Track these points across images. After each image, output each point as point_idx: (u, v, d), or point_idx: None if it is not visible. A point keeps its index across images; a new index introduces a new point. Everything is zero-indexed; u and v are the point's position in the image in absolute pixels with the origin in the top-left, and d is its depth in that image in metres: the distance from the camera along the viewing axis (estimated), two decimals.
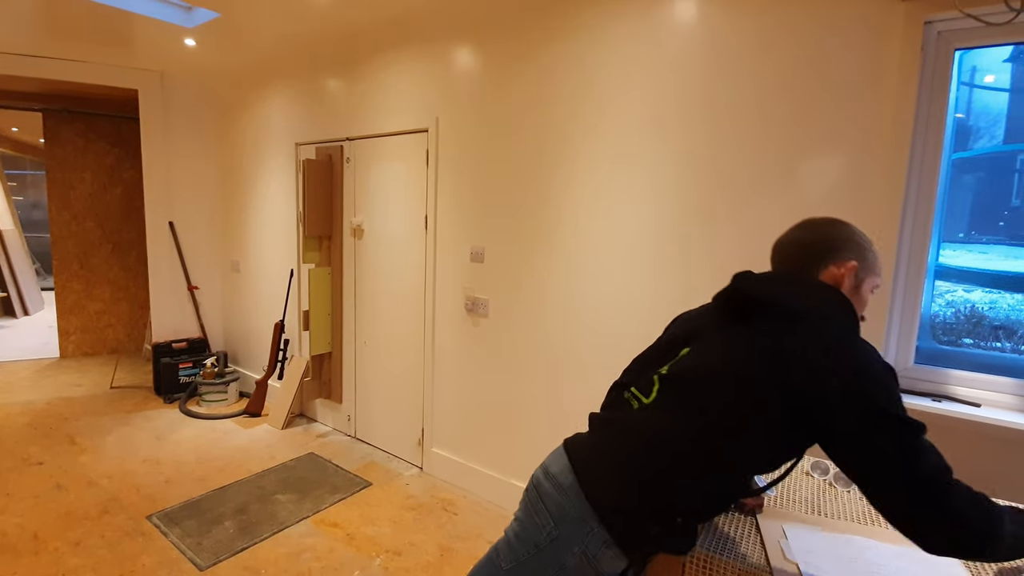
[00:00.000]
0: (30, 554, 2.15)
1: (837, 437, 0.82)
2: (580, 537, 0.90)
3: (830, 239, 1.00)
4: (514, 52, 2.35)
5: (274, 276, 3.78)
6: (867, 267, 1.00)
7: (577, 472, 0.94)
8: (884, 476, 0.80)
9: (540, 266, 2.36)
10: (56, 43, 3.44)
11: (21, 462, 2.91)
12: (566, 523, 0.92)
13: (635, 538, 0.89)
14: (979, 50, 1.58)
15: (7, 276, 6.40)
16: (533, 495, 0.98)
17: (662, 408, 0.94)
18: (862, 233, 1.02)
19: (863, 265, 0.99)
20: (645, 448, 0.92)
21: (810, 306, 0.91)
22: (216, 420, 3.57)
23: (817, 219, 1.05)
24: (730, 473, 0.90)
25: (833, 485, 1.19)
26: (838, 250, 0.99)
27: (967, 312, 1.76)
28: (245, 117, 3.90)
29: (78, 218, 4.82)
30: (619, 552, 0.89)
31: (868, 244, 1.01)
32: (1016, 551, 0.82)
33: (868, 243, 1.01)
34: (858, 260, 0.99)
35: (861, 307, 0.99)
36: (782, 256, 1.04)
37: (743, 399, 0.87)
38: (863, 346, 0.86)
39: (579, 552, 0.90)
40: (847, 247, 0.99)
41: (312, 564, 2.14)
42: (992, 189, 1.80)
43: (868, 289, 1.01)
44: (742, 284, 0.98)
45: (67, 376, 4.38)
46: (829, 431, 0.82)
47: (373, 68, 2.95)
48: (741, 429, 0.87)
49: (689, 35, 1.88)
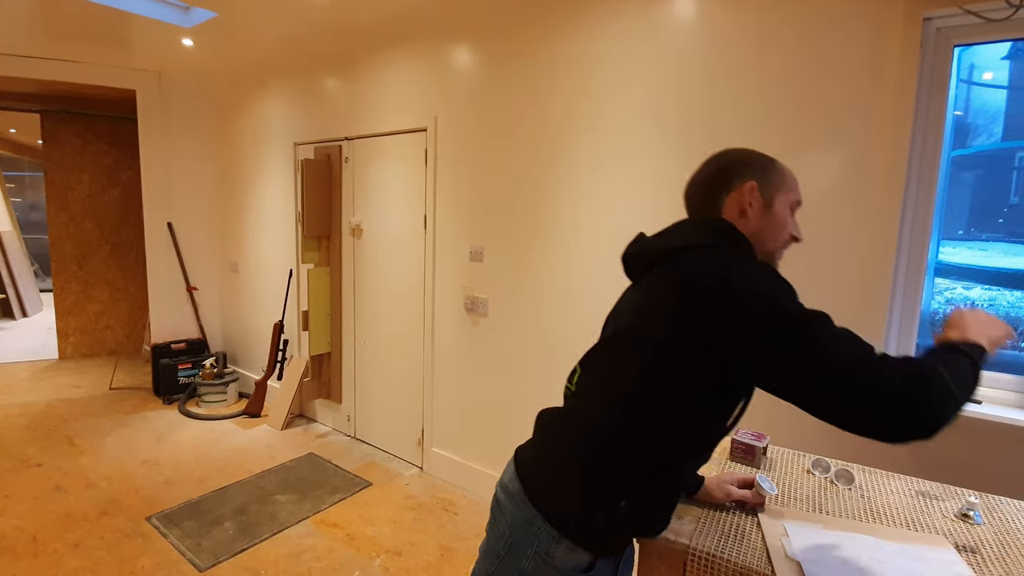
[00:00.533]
0: (29, 556, 2.15)
1: (753, 362, 0.77)
2: (530, 539, 0.90)
3: (723, 168, 0.96)
4: (513, 50, 2.35)
5: (273, 276, 3.78)
6: (771, 183, 0.93)
7: (522, 477, 0.95)
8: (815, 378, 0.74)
9: (539, 265, 2.36)
10: (53, 44, 3.43)
11: (20, 464, 2.90)
12: (518, 529, 0.92)
13: (583, 529, 0.88)
14: (977, 47, 1.58)
15: (6, 278, 6.38)
16: (494, 507, 0.99)
17: (584, 390, 0.95)
18: (762, 154, 0.97)
19: (764, 182, 0.93)
20: (575, 434, 0.91)
21: (690, 241, 0.89)
22: (215, 421, 3.56)
23: (712, 155, 1.00)
24: (663, 443, 0.87)
25: (834, 483, 1.19)
26: (733, 176, 0.94)
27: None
28: (243, 117, 3.89)
29: (76, 219, 4.81)
30: (571, 544, 0.88)
31: (769, 162, 0.95)
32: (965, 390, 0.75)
33: (770, 161, 0.96)
34: (757, 179, 0.93)
35: (780, 228, 0.94)
36: (687, 204, 1.01)
37: (650, 355, 0.84)
38: (749, 265, 0.82)
39: (532, 554, 0.89)
40: (743, 169, 0.94)
41: (312, 565, 2.14)
42: (991, 186, 1.80)
43: (784, 207, 0.94)
44: (630, 246, 0.99)
45: (66, 377, 4.37)
46: (743, 358, 0.78)
47: (371, 67, 2.94)
48: (658, 388, 0.84)
49: (688, 32, 1.88)
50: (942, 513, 1.09)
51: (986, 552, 0.96)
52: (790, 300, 0.78)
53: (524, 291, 2.42)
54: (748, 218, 0.93)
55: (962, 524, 1.05)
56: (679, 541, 0.97)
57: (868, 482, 1.21)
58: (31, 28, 3.18)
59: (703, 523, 1.03)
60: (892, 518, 1.06)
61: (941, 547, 0.96)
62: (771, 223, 0.93)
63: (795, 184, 0.97)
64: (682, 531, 1.00)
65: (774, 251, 0.96)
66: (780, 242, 0.95)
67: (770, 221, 0.93)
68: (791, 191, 0.96)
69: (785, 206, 0.95)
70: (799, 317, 0.77)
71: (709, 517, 1.05)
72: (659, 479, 0.89)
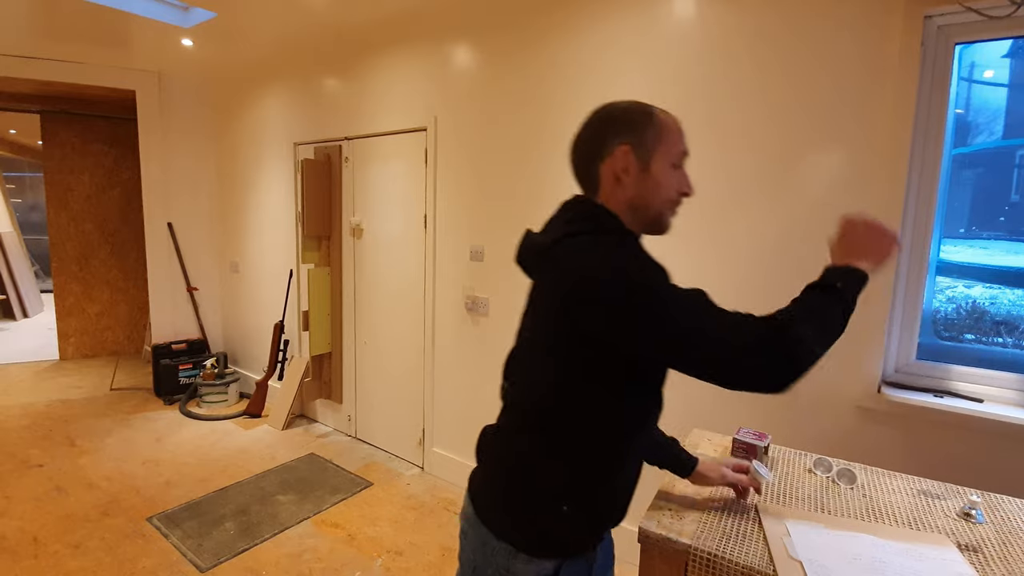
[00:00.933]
0: (30, 557, 2.14)
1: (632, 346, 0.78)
2: (489, 559, 0.90)
3: (597, 132, 0.88)
4: (512, 48, 2.35)
5: (273, 277, 3.78)
6: (646, 142, 0.85)
7: (473, 500, 0.95)
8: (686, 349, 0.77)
9: None
10: (53, 44, 3.43)
11: (21, 464, 2.90)
12: (477, 552, 0.92)
13: (533, 540, 0.87)
14: (978, 45, 1.58)
15: (6, 278, 6.39)
16: (460, 536, 1.00)
17: (508, 401, 0.96)
18: (640, 107, 0.88)
19: (638, 142, 0.85)
20: (506, 447, 0.92)
21: (562, 232, 0.87)
22: (216, 421, 3.56)
23: (593, 111, 0.92)
24: (589, 443, 0.86)
25: (836, 482, 1.19)
26: (606, 140, 0.87)
27: (968, 308, 1.75)
28: (243, 117, 3.89)
29: (76, 220, 4.81)
30: (528, 557, 0.87)
31: (645, 117, 0.86)
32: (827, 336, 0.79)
33: (645, 115, 0.87)
34: (630, 140, 0.85)
35: (662, 189, 0.87)
36: (572, 169, 0.95)
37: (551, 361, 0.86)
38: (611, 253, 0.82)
39: (494, 572, 0.89)
40: (615, 131, 0.86)
41: (313, 565, 2.14)
42: (992, 185, 1.79)
43: (664, 165, 0.86)
44: (519, 245, 1.00)
45: (67, 378, 4.37)
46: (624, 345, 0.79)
47: (371, 67, 2.94)
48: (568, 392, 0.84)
49: (687, 29, 1.87)
50: (944, 512, 1.08)
51: (988, 551, 0.96)
52: (652, 280, 0.79)
53: (526, 290, 2.41)
54: (624, 185, 0.87)
55: (964, 523, 1.05)
56: (681, 541, 0.97)
57: (870, 481, 1.20)
58: (31, 29, 3.18)
59: (705, 523, 1.02)
60: (894, 517, 1.06)
61: (943, 546, 0.96)
62: (651, 185, 0.86)
63: (677, 136, 0.88)
64: (684, 531, 1.00)
65: (661, 214, 0.89)
66: (665, 202, 0.88)
67: (650, 183, 0.86)
68: (673, 144, 0.87)
69: (666, 163, 0.87)
70: (661, 296, 0.77)
71: (711, 517, 1.05)
72: (596, 478, 0.88)
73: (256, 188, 3.86)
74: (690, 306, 0.78)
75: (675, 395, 2.00)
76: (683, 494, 1.13)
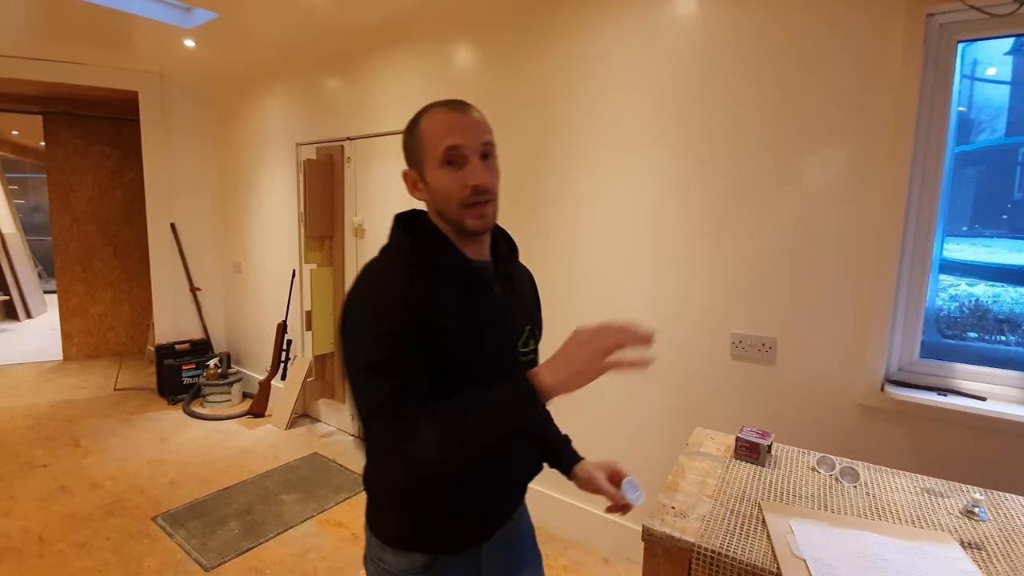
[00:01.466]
0: (35, 557, 2.16)
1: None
2: (370, 546, 0.93)
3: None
4: (515, 48, 2.35)
5: (276, 277, 3.78)
6: (417, 158, 0.86)
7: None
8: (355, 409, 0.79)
9: (544, 261, 2.36)
10: (55, 46, 3.43)
11: (25, 465, 2.92)
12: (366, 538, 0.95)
13: (395, 536, 0.89)
14: (980, 43, 1.58)
15: (9, 279, 6.41)
16: None
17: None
18: (408, 125, 0.88)
19: (413, 161, 0.87)
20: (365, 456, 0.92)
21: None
22: (220, 421, 3.57)
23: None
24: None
25: (839, 480, 1.19)
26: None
27: (971, 306, 1.75)
28: (245, 117, 3.90)
29: (79, 221, 4.83)
30: (396, 550, 0.88)
31: (408, 134, 0.88)
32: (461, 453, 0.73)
33: (409, 132, 0.88)
34: (408, 161, 0.89)
35: (446, 194, 0.84)
36: None
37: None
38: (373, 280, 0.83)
39: (372, 559, 0.92)
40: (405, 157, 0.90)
41: (317, 564, 2.14)
42: (995, 182, 1.79)
43: (437, 171, 0.83)
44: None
45: (70, 379, 4.38)
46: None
47: (373, 67, 2.94)
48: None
49: (688, 28, 1.87)
50: (947, 510, 1.09)
51: (991, 548, 0.96)
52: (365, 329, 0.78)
53: None
54: (423, 201, 0.90)
55: (967, 521, 1.05)
56: (684, 539, 0.97)
57: (873, 479, 1.21)
58: (33, 30, 3.19)
59: (708, 521, 1.03)
60: (897, 515, 1.06)
61: (946, 544, 0.96)
62: (435, 194, 0.86)
63: (439, 134, 0.83)
64: (687, 529, 1.00)
65: (461, 214, 0.85)
66: (458, 202, 0.84)
67: (433, 192, 0.86)
68: (435, 146, 0.83)
69: (437, 169, 0.83)
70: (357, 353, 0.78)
71: (714, 515, 1.05)
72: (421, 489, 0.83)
73: (258, 188, 3.86)
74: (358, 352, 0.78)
75: (677, 394, 2.01)
76: (687, 492, 1.13)
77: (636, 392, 2.11)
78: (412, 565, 0.88)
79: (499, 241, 1.00)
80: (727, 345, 1.88)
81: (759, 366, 1.82)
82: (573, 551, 2.24)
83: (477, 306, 0.87)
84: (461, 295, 0.86)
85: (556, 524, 2.38)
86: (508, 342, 0.92)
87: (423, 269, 0.84)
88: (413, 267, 0.84)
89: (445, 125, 0.84)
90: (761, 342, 1.80)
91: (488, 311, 0.89)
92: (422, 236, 0.88)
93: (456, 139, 0.83)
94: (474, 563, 0.93)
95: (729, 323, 1.87)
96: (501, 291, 0.94)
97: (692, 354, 1.96)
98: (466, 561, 0.92)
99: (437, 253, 0.87)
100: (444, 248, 0.88)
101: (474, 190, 0.83)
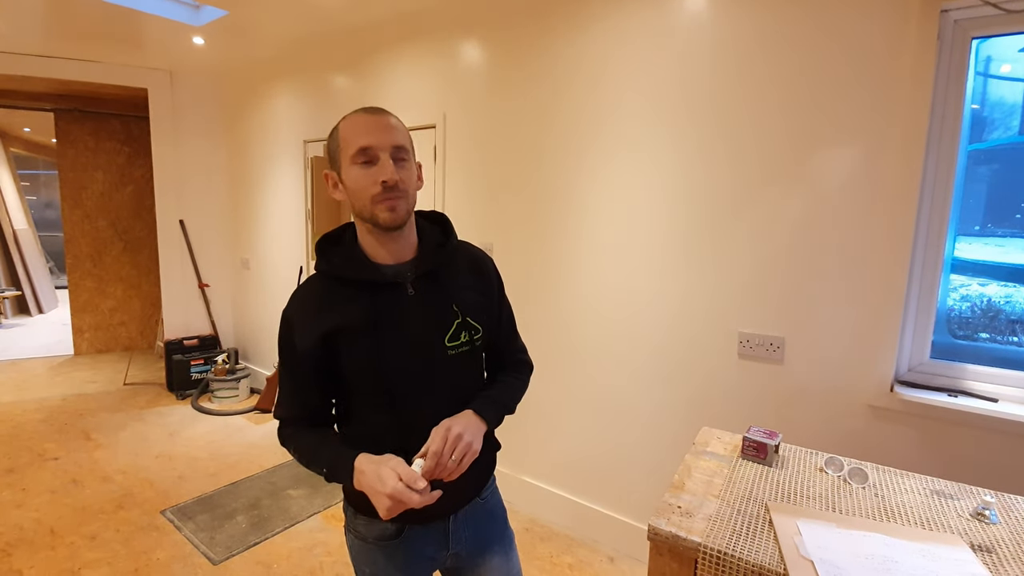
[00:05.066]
0: (47, 548, 2.18)
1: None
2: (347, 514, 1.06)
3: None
4: (523, 44, 2.34)
5: (284, 273, 3.80)
6: (335, 159, 0.92)
7: None
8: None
9: (551, 259, 2.35)
10: (66, 43, 3.46)
11: (37, 458, 2.95)
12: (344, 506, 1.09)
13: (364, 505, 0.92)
14: (994, 39, 1.55)
15: (22, 275, 6.48)
16: None
17: None
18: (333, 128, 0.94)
19: (332, 162, 0.93)
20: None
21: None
22: (228, 416, 3.60)
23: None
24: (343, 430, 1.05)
25: (848, 481, 1.18)
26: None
27: (983, 306, 1.73)
28: (254, 115, 3.91)
29: (90, 217, 4.87)
30: (367, 519, 1.00)
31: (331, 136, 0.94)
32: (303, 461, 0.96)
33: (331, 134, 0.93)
34: (330, 163, 0.94)
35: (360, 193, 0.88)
36: None
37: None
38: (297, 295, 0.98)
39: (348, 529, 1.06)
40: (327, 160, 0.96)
41: (323, 559, 2.16)
42: (1008, 181, 1.77)
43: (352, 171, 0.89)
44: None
45: (81, 373, 4.43)
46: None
47: (380, 64, 2.94)
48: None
49: (699, 24, 1.86)
50: (957, 512, 1.08)
51: (1002, 551, 0.95)
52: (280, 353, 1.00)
53: (536, 285, 2.42)
54: (342, 200, 0.94)
55: (977, 523, 1.04)
56: (691, 539, 0.97)
57: (882, 481, 1.20)
58: (45, 28, 3.22)
59: (715, 521, 1.02)
60: (906, 517, 1.05)
61: (956, 546, 0.95)
62: (351, 193, 0.90)
63: (354, 135, 0.89)
64: (694, 529, 1.00)
65: (373, 210, 0.89)
66: (371, 200, 0.88)
67: (349, 192, 0.91)
68: (350, 146, 0.88)
69: (352, 169, 0.89)
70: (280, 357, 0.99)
71: (721, 515, 1.04)
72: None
73: (266, 185, 3.88)
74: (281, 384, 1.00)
75: (684, 393, 2.00)
76: (693, 492, 1.13)
77: (643, 391, 2.11)
78: (383, 532, 0.99)
79: (430, 235, 1.02)
80: (735, 344, 1.87)
81: (767, 366, 1.81)
82: (579, 549, 2.24)
83: (386, 314, 0.92)
84: (370, 306, 0.92)
85: (562, 522, 2.38)
86: (424, 340, 0.95)
87: (335, 290, 0.93)
88: (325, 290, 0.94)
89: (361, 127, 0.89)
90: (769, 342, 1.79)
91: (397, 317, 0.93)
92: (338, 255, 0.95)
93: (369, 140, 0.88)
94: (442, 532, 1.03)
95: (737, 322, 1.86)
96: (416, 291, 0.95)
97: (700, 353, 1.95)
98: (434, 531, 1.02)
99: (346, 271, 0.93)
100: (352, 264, 0.94)
101: (384, 186, 0.87)
